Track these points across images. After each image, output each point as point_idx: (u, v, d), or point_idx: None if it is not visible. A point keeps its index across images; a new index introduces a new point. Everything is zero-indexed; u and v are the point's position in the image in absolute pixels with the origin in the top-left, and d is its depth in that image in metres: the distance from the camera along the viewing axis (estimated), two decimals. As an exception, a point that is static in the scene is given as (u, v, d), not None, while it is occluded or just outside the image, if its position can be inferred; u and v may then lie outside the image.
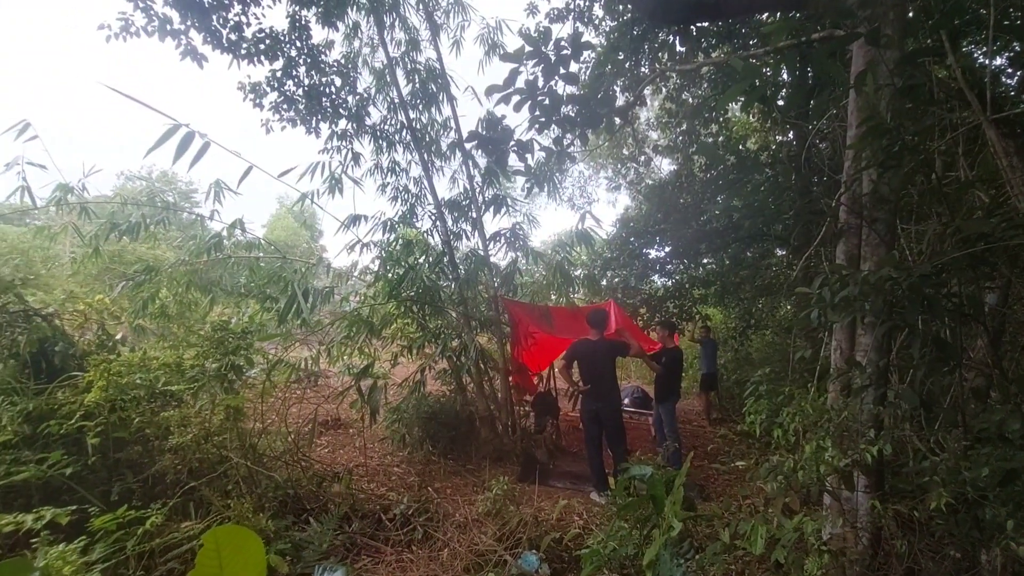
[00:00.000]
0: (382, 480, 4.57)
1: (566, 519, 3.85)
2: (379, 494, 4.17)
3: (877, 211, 3.04)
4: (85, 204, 5.05)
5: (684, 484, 4.85)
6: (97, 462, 2.66)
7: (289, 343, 4.20)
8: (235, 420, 2.86)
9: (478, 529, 3.18)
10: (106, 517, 2.09)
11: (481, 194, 5.57)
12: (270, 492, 2.95)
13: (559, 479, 5.15)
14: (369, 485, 4.40)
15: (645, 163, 10.16)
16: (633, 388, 9.65)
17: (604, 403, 4.62)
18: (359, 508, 3.47)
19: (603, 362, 4.64)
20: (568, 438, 6.56)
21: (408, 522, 3.32)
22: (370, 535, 3.25)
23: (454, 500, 4.22)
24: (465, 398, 5.62)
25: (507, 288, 6.00)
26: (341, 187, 6.15)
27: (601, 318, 4.80)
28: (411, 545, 3.14)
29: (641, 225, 9.61)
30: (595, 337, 4.71)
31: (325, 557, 2.68)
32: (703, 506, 4.30)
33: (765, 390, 2.74)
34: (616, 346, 4.77)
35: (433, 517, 3.43)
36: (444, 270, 5.77)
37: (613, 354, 4.71)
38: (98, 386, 2.65)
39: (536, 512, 4.01)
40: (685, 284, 10.41)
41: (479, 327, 5.75)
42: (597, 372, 4.64)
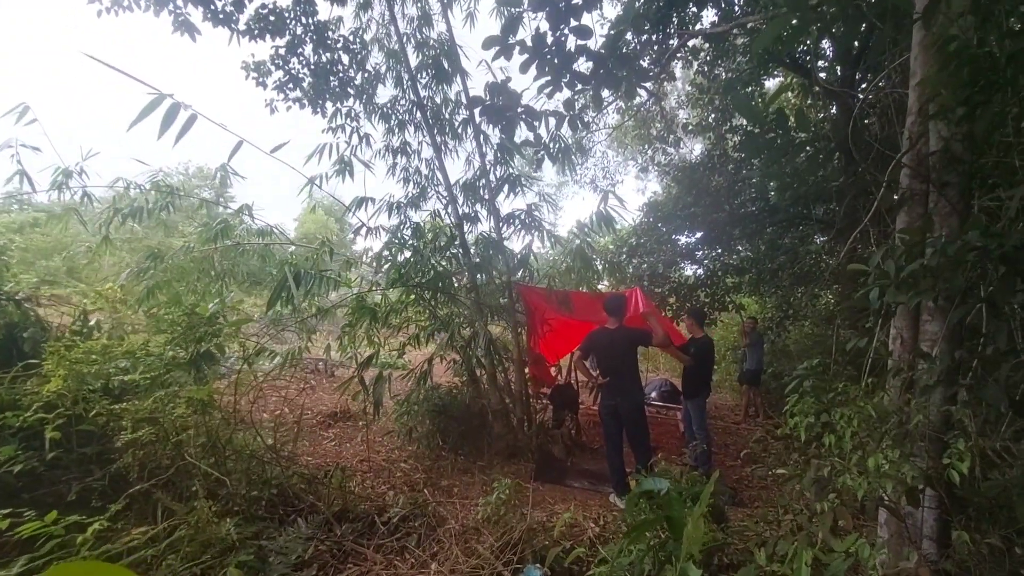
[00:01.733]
0: (385, 477, 4.29)
1: (580, 526, 3.49)
2: (379, 492, 3.89)
3: (948, 174, 2.53)
4: (86, 189, 4.91)
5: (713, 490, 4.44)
6: (60, 458, 2.45)
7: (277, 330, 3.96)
8: (203, 414, 2.61)
9: (476, 538, 2.85)
10: (33, 524, 1.85)
11: (493, 172, 5.20)
12: (243, 492, 2.68)
13: (577, 478, 4.78)
14: (371, 482, 4.14)
15: (674, 144, 9.58)
16: (661, 381, 9.16)
17: (624, 398, 4.21)
18: (351, 509, 3.18)
19: (622, 353, 4.23)
20: (588, 433, 6.17)
21: (402, 527, 3.02)
22: (360, 540, 2.96)
23: (461, 501, 3.91)
24: (477, 390, 5.29)
25: (522, 274, 5.63)
26: (351, 170, 5.88)
27: (619, 305, 4.38)
28: (404, 552, 2.84)
29: (670, 209, 9.06)
30: (613, 326, 4.30)
31: (299, 568, 2.40)
32: (734, 513, 3.87)
33: (811, 386, 2.30)
34: (637, 335, 4.36)
35: (431, 522, 3.12)
36: (456, 256, 5.44)
37: (634, 344, 4.29)
38: (58, 375, 2.43)
39: (548, 517, 3.66)
40: (717, 272, 9.83)
41: (492, 315, 5.41)
42: (616, 364, 4.23)
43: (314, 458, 4.70)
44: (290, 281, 3.38)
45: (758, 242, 9.84)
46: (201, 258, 5.99)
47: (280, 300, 3.40)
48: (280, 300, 3.40)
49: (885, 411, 1.91)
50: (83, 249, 6.41)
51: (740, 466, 5.46)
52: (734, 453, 5.95)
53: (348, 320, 4.35)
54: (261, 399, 6.81)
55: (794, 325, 10.10)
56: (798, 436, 2.19)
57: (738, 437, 6.70)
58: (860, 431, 1.89)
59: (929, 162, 2.58)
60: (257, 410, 6.19)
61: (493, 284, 5.49)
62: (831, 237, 8.58)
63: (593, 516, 3.72)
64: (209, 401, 2.60)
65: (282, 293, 3.39)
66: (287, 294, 3.38)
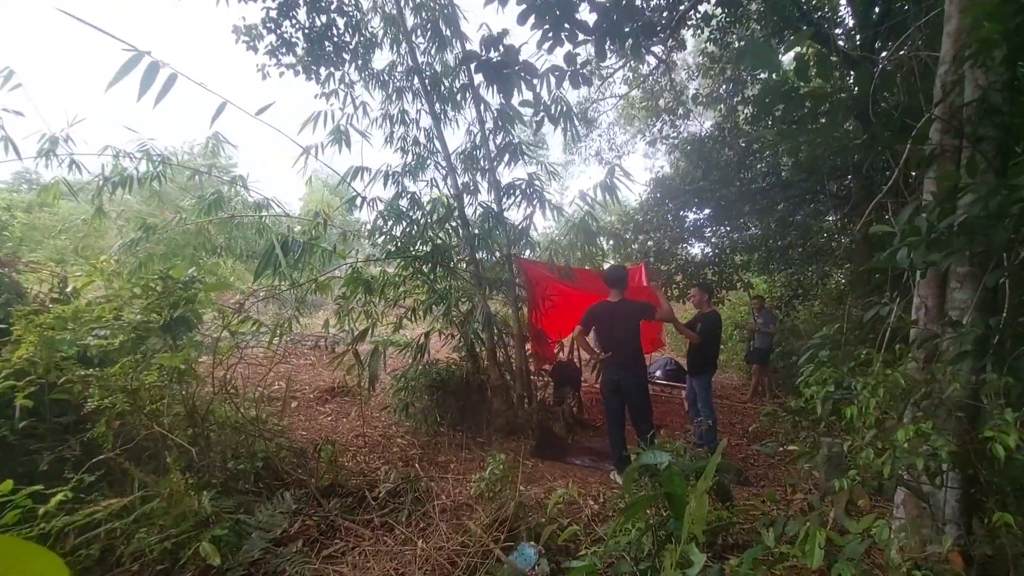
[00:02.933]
0: (380, 452, 4.19)
1: (578, 503, 3.37)
2: (372, 467, 3.79)
3: (984, 126, 2.31)
4: (74, 157, 4.75)
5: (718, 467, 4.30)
6: (34, 427, 2.33)
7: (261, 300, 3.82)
8: (178, 382, 2.48)
9: (468, 514, 2.73)
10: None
11: (493, 140, 4.98)
12: (222, 464, 2.56)
13: (578, 455, 4.67)
14: (365, 457, 4.04)
15: (683, 116, 9.25)
16: (666, 360, 9.01)
17: (626, 373, 4.05)
18: (341, 484, 3.08)
19: (624, 326, 4.04)
20: (590, 411, 6.04)
21: (392, 502, 2.91)
22: (350, 515, 2.85)
23: (456, 477, 3.80)
24: (476, 366, 5.16)
25: (523, 247, 5.45)
26: (347, 139, 5.67)
27: (620, 276, 4.18)
28: (394, 529, 2.73)
29: (678, 184, 8.79)
30: (615, 298, 4.11)
31: (283, 543, 2.30)
32: (740, 493, 3.74)
33: (828, 355, 2.12)
34: (640, 308, 4.14)
35: (422, 497, 3.00)
36: (455, 227, 5.26)
37: (636, 317, 4.11)
38: (28, 341, 2.31)
39: (545, 494, 3.55)
40: (726, 249, 9.59)
41: (492, 289, 5.25)
42: (617, 338, 4.05)
43: (308, 432, 4.60)
44: (277, 250, 3.23)
45: (768, 219, 9.57)
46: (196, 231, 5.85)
47: (268, 270, 3.25)
48: (268, 270, 3.25)
49: (914, 381, 1.73)
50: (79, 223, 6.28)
51: (746, 444, 5.33)
52: (740, 432, 5.82)
53: (342, 293, 4.20)
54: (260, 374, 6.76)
55: (803, 304, 9.89)
56: (812, 410, 2.02)
57: (744, 417, 6.56)
58: (883, 402, 1.72)
59: (963, 114, 2.37)
60: (253, 384, 6.13)
61: (493, 257, 5.31)
62: (845, 212, 8.30)
63: (592, 494, 3.61)
64: (186, 369, 2.47)
65: (270, 262, 3.23)
66: (275, 264, 3.22)
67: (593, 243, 5.33)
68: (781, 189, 8.72)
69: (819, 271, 9.38)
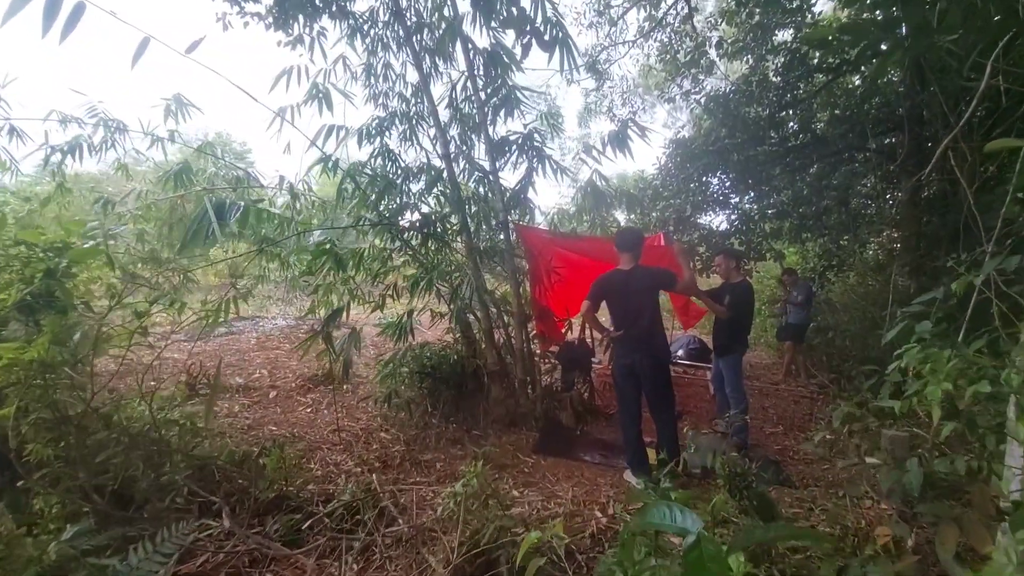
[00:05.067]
0: (358, 450, 3.64)
1: (582, 514, 2.77)
2: (343, 469, 3.23)
3: None
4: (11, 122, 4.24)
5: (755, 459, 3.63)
6: None
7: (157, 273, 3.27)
8: (40, 377, 1.93)
9: (432, 545, 2.15)
10: None
11: (484, 89, 4.27)
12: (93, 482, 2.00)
13: (587, 450, 4.06)
14: (337, 457, 3.49)
15: (706, 70, 8.36)
16: (689, 338, 8.27)
17: (643, 354, 3.37)
18: (290, 496, 2.52)
19: (640, 298, 3.34)
20: (604, 397, 5.41)
21: (349, 519, 2.34)
22: (295, 537, 2.30)
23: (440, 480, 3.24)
24: (473, 349, 4.56)
25: (523, 213, 4.78)
26: (328, 100, 5.03)
27: (633, 240, 3.47)
28: (342, 555, 2.16)
29: (700, 144, 7.95)
30: (628, 265, 3.42)
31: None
32: (781, 497, 3.08)
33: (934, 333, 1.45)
34: (657, 275, 3.43)
35: (387, 512, 2.43)
36: (445, 192, 4.63)
37: (654, 286, 3.42)
38: None
39: (544, 501, 2.96)
40: (754, 216, 8.75)
41: (487, 261, 4.61)
42: (632, 312, 3.36)
43: (281, 428, 4.08)
44: (210, 213, 2.65)
45: (801, 182, 8.69)
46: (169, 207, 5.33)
47: (197, 240, 2.67)
48: (197, 240, 2.67)
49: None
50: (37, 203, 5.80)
51: (782, 433, 4.66)
52: (774, 418, 5.13)
53: (305, 268, 3.63)
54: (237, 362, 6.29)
55: (837, 276, 9.04)
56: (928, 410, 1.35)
57: (777, 400, 5.87)
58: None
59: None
60: (233, 374, 5.67)
61: (487, 225, 4.67)
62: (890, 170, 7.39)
63: (600, 500, 3.00)
64: (51, 361, 1.91)
65: (201, 231, 2.66)
66: (207, 232, 2.65)
67: (603, 207, 4.63)
68: (816, 147, 7.83)
69: (858, 238, 8.49)
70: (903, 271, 6.62)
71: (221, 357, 5.46)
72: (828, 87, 7.79)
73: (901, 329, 1.57)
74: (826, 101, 8.05)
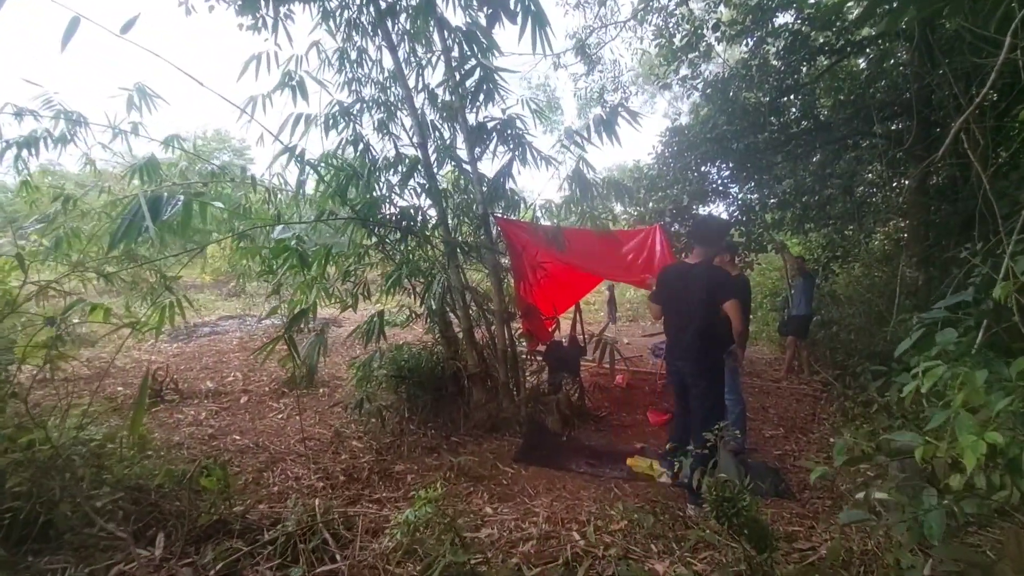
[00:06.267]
0: (325, 460, 3.39)
1: (559, 535, 2.51)
2: (304, 485, 2.98)
3: None
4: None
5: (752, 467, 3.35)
6: None
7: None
8: None
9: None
10: None
11: (458, 69, 3.98)
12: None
13: (574, 458, 3.79)
14: (299, 470, 3.24)
15: (704, 55, 8.02)
16: (687, 334, 8.01)
17: (688, 363, 3.03)
18: (230, 522, 2.27)
19: (693, 299, 2.95)
20: (594, 398, 5.15)
21: (290, 550, 2.09)
22: (227, 573, 2.05)
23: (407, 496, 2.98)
24: (453, 350, 4.31)
25: (505, 205, 4.50)
26: (301, 87, 4.74)
27: (704, 232, 3.11)
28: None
29: (698, 132, 7.64)
30: (694, 259, 3.05)
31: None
32: (780, 511, 2.82)
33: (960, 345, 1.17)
34: (720, 282, 2.93)
35: (338, 536, 2.18)
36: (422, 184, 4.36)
37: (712, 291, 2.91)
38: None
39: (518, 519, 2.70)
40: (754, 207, 8.43)
41: (467, 256, 4.33)
42: (680, 314, 3.04)
43: (245, 437, 3.84)
44: (143, 208, 2.39)
45: (803, 170, 8.37)
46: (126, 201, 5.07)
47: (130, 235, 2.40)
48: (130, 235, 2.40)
49: None
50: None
51: (782, 436, 4.38)
52: (774, 419, 4.86)
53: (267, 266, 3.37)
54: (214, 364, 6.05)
55: (841, 267, 8.75)
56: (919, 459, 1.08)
57: (778, 398, 5.58)
58: None
59: None
60: (206, 378, 5.44)
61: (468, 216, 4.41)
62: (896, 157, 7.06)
63: (581, 518, 2.74)
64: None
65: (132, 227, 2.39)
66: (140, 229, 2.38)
67: (590, 198, 4.35)
68: (819, 133, 7.52)
69: (863, 228, 8.17)
70: (911, 262, 6.32)
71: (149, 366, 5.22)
72: (831, 70, 7.47)
73: (921, 338, 1.29)
74: (829, 85, 7.72)
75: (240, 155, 27.87)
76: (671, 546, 2.43)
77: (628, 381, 5.87)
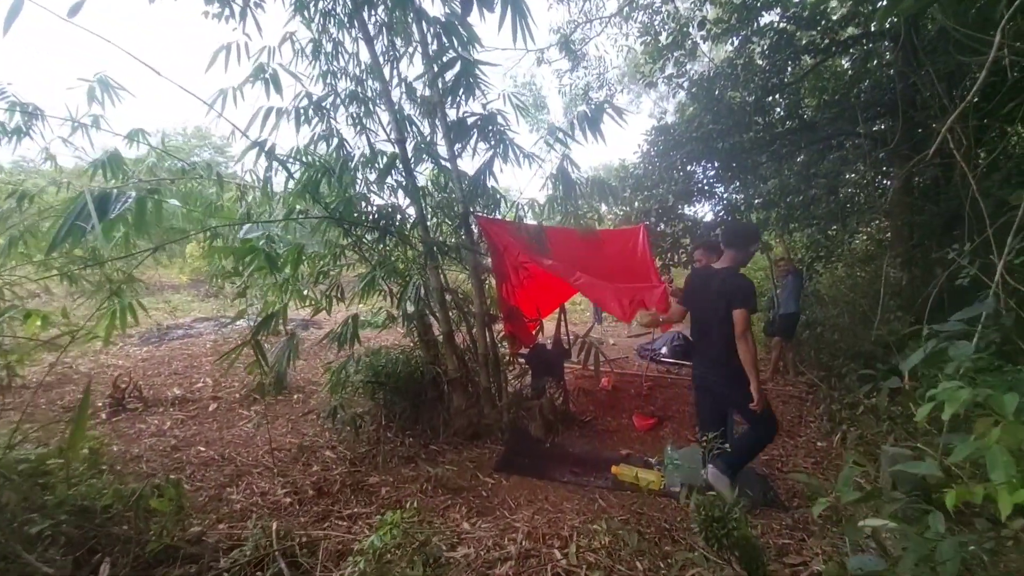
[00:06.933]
0: (295, 473, 3.21)
1: (540, 549, 2.37)
2: (269, 501, 2.80)
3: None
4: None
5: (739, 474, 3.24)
6: None
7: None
8: None
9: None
10: None
11: (436, 60, 3.82)
12: None
13: (558, 466, 3.65)
14: (265, 484, 3.05)
15: (689, 53, 7.96)
16: (673, 335, 7.93)
17: (709, 370, 3.05)
18: (178, 548, 2.09)
19: (712, 305, 2.91)
20: (579, 402, 5.03)
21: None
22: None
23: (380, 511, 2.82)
24: (432, 354, 4.14)
25: (485, 204, 4.35)
26: (275, 80, 4.53)
27: (731, 236, 3.02)
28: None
29: (684, 131, 7.57)
30: (722, 263, 3.01)
31: None
32: (770, 523, 2.71)
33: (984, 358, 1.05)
34: (738, 288, 2.83)
35: (297, 564, 2.01)
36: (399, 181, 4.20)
37: (729, 298, 2.82)
38: None
39: (497, 537, 2.55)
40: (740, 207, 8.39)
41: (447, 257, 4.18)
42: (700, 319, 3.08)
43: (211, 448, 3.63)
44: (90, 206, 2.20)
45: (788, 170, 8.35)
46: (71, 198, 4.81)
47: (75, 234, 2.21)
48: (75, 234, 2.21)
49: None
50: None
51: (770, 442, 4.29)
52: (761, 422, 4.77)
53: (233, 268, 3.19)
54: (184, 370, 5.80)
55: (825, 267, 8.75)
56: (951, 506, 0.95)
57: (765, 400, 5.50)
58: None
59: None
60: (174, 384, 5.20)
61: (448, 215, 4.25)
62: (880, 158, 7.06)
63: (563, 534, 2.60)
64: None
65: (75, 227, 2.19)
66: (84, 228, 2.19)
67: (574, 197, 4.22)
68: (804, 133, 7.49)
69: (847, 228, 8.18)
70: (895, 262, 6.32)
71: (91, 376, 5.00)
72: (816, 70, 7.46)
73: (932, 353, 1.17)
74: (814, 85, 7.72)
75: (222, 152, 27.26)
76: (657, 564, 2.31)
77: (614, 384, 5.76)
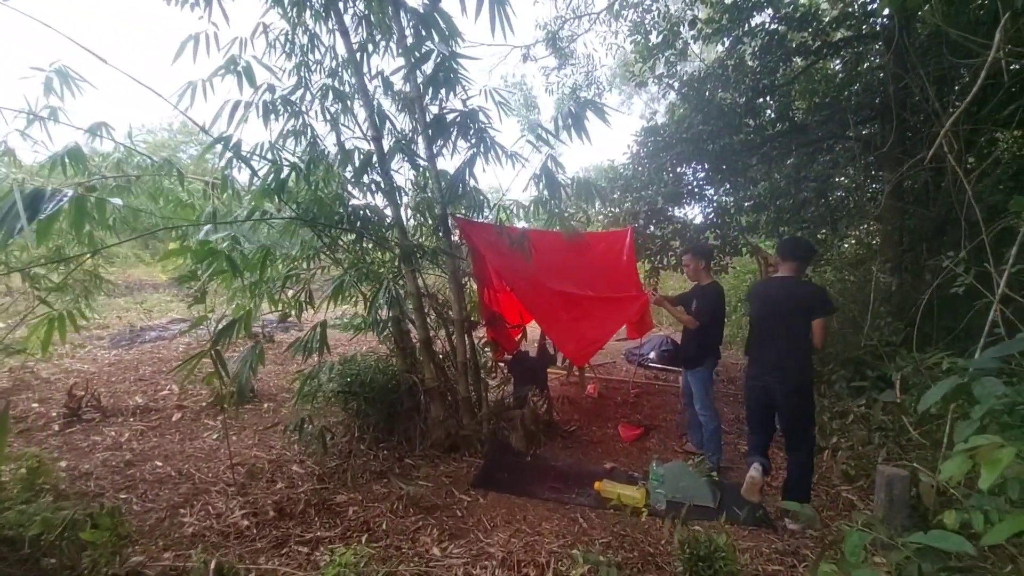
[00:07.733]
0: (256, 491, 3.01)
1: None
2: (228, 524, 2.60)
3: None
4: None
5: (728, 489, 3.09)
6: None
7: None
8: None
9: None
10: None
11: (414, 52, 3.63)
12: None
13: (539, 482, 3.47)
14: (223, 503, 2.85)
15: (680, 53, 7.83)
16: (661, 339, 7.80)
17: (777, 378, 2.97)
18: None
19: (786, 315, 2.96)
20: (563, 411, 4.85)
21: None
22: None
23: (344, 536, 2.64)
24: (409, 362, 3.95)
25: (468, 205, 4.17)
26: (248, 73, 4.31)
27: (790, 250, 3.08)
28: None
29: (674, 132, 7.44)
30: (786, 272, 3.06)
31: None
32: (759, 544, 2.55)
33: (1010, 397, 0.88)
34: (813, 297, 2.93)
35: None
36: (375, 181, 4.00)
37: (806, 309, 2.89)
38: None
39: (471, 560, 2.37)
40: (730, 209, 8.27)
41: (424, 260, 3.98)
42: (773, 328, 3.04)
43: (169, 463, 3.41)
44: (19, 204, 1.99)
45: (778, 172, 8.27)
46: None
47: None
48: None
49: None
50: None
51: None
52: (749, 433, 4.63)
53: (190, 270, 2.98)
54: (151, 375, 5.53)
55: (815, 271, 8.67)
56: None
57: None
58: None
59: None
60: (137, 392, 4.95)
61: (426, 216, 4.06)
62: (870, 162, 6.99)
63: (540, 560, 2.42)
64: None
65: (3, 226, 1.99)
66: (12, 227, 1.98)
67: (559, 198, 4.05)
68: (794, 135, 7.40)
69: (837, 232, 8.11)
70: (885, 267, 6.23)
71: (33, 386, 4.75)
72: (807, 72, 7.37)
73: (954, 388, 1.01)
74: (805, 87, 7.63)
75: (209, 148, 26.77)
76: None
77: (599, 391, 5.59)
